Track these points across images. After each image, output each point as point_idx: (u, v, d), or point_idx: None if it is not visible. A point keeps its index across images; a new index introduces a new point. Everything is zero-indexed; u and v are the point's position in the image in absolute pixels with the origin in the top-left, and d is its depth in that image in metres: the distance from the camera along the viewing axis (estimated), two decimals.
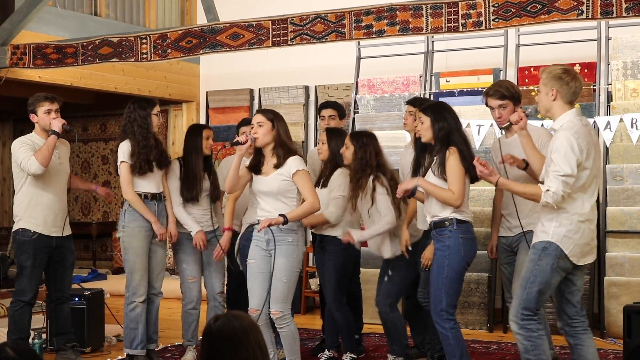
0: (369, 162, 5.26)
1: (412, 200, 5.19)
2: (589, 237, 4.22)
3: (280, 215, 4.73)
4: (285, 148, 4.84)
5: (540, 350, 4.16)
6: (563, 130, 4.10)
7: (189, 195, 5.57)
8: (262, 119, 4.84)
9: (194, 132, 5.70)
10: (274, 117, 4.87)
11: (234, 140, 4.86)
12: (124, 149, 5.36)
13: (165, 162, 5.53)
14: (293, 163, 4.80)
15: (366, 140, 5.32)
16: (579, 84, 4.20)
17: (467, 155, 4.63)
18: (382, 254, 5.32)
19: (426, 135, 4.77)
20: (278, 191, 4.79)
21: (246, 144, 4.80)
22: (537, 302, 4.17)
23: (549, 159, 4.13)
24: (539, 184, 4.14)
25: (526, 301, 4.15)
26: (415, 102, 5.54)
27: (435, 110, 4.78)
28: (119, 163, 5.40)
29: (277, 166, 4.82)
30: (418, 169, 5.15)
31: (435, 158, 4.73)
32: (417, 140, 5.13)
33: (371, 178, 5.24)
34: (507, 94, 4.93)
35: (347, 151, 5.33)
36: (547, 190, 4.02)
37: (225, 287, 6.33)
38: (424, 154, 5.04)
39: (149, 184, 5.43)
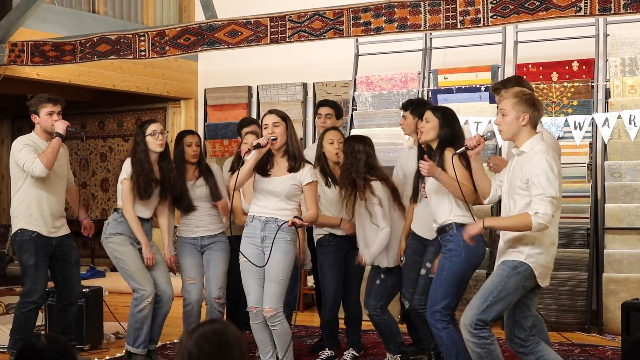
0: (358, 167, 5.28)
1: (410, 212, 5.22)
2: (552, 259, 4.24)
3: (297, 217, 4.81)
4: (297, 151, 4.88)
5: (494, 356, 4.16)
6: (538, 154, 4.09)
7: (181, 207, 5.59)
8: (277, 119, 4.86)
9: (176, 141, 5.70)
10: (286, 117, 4.92)
11: (255, 144, 4.83)
12: (126, 167, 5.36)
13: (167, 191, 5.44)
14: (309, 173, 4.89)
15: (360, 147, 5.33)
16: (543, 110, 4.26)
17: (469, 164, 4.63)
18: (380, 264, 5.33)
19: (428, 135, 4.75)
20: (286, 195, 4.83)
21: (266, 146, 4.80)
22: (496, 316, 4.17)
23: (520, 180, 4.10)
24: (525, 212, 4.06)
25: (484, 313, 4.13)
26: (408, 105, 5.57)
27: (446, 115, 4.77)
28: (120, 178, 5.40)
29: (291, 169, 4.84)
30: (419, 183, 5.14)
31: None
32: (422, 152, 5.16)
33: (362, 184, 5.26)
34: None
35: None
36: (536, 212, 3.99)
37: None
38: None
39: (142, 209, 5.43)
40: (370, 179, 5.25)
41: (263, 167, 4.89)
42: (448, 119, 4.75)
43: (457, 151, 4.53)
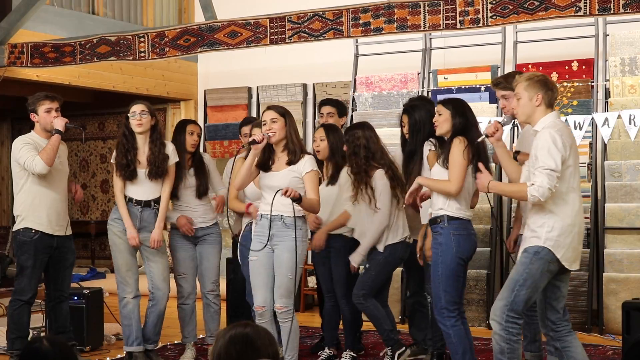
0: (362, 155, 5.23)
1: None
2: (578, 242, 4.23)
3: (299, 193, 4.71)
4: (297, 144, 4.87)
5: (515, 354, 4.17)
6: (545, 128, 4.14)
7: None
8: (275, 115, 4.85)
9: (178, 129, 5.72)
10: (285, 112, 4.89)
11: (250, 140, 4.83)
12: (115, 152, 5.44)
13: (156, 173, 5.41)
14: (308, 162, 4.85)
15: (359, 133, 5.29)
16: (556, 89, 4.29)
17: (481, 154, 4.64)
18: (377, 247, 5.30)
19: (443, 128, 4.75)
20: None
21: (262, 142, 4.79)
22: (525, 305, 4.18)
23: (533, 158, 4.14)
24: (524, 182, 4.14)
25: (514, 303, 4.15)
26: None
27: (457, 105, 4.78)
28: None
29: (290, 163, 4.83)
30: (407, 173, 5.13)
31: (443, 150, 4.73)
32: (404, 143, 5.16)
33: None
34: (508, 85, 4.96)
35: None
36: (532, 184, 4.04)
37: (226, 291, 6.34)
38: (412, 158, 5.06)
39: (135, 190, 5.43)
40: (375, 165, 5.22)
41: (265, 163, 4.89)
42: (459, 108, 4.75)
43: (478, 139, 4.59)
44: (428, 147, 5.06)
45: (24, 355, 2.79)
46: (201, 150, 6.16)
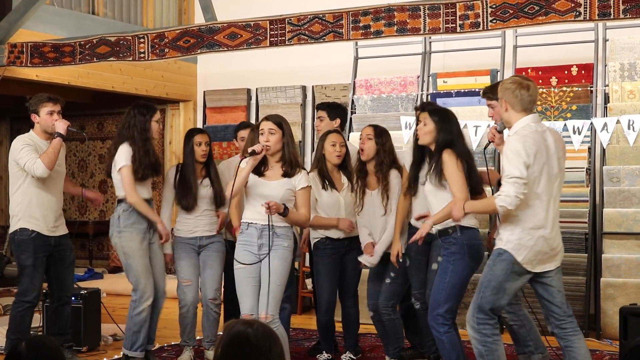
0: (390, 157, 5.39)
1: (400, 207, 5.18)
2: (545, 246, 4.22)
3: (283, 204, 4.74)
4: (294, 157, 4.85)
5: (494, 356, 4.20)
6: (511, 136, 4.20)
7: (184, 203, 5.58)
8: (273, 127, 4.81)
9: (186, 138, 5.70)
10: (283, 123, 4.86)
11: (250, 151, 4.78)
12: (126, 153, 5.31)
13: (157, 171, 5.48)
14: (303, 178, 4.85)
15: (389, 139, 5.45)
16: (526, 92, 4.24)
17: (470, 166, 4.64)
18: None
19: (425, 139, 4.76)
20: (281, 199, 4.78)
21: (261, 153, 4.77)
22: (492, 306, 4.19)
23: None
24: (493, 195, 4.23)
25: (480, 305, 4.19)
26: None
27: (443, 118, 4.77)
28: (118, 166, 5.34)
29: (285, 174, 4.82)
30: (417, 176, 5.11)
31: (432, 167, 4.71)
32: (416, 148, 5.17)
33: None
34: (492, 95, 4.97)
35: (370, 142, 5.39)
36: (499, 194, 4.08)
37: (223, 297, 6.33)
38: (421, 163, 5.06)
39: (142, 189, 5.41)
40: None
41: (258, 167, 4.86)
42: (445, 122, 4.74)
43: (485, 147, 4.83)
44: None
45: (6, 358, 2.80)
46: None
